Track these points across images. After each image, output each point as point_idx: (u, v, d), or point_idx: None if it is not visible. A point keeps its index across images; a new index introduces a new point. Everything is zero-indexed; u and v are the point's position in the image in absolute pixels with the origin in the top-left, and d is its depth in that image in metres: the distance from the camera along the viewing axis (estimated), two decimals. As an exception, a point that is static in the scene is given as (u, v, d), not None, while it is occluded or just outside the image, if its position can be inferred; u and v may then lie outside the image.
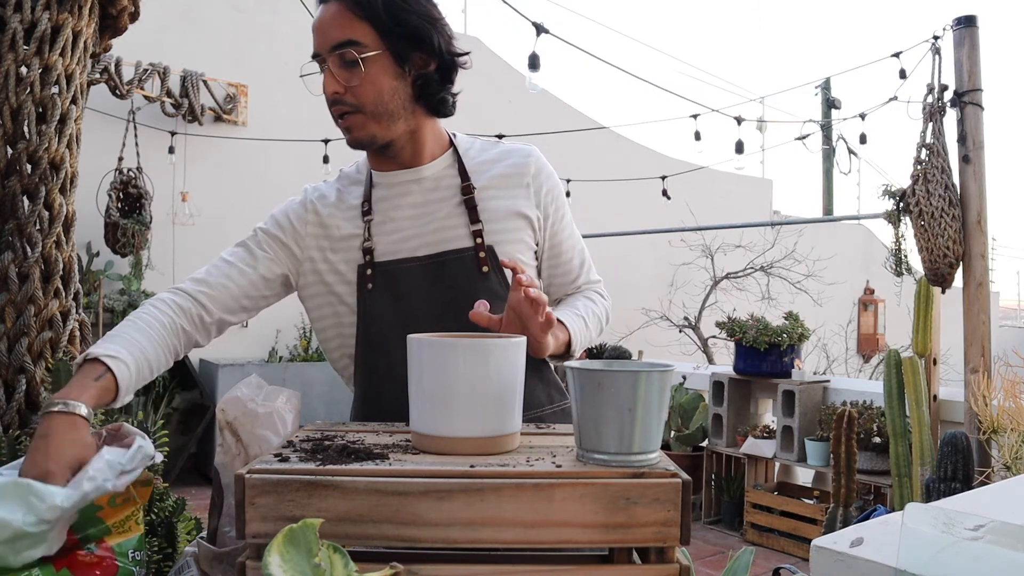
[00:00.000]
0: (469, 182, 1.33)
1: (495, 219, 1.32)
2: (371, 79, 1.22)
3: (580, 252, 1.45)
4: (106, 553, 0.97)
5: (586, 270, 1.46)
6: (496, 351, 0.95)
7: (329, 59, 1.22)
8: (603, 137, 7.94)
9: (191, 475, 5.28)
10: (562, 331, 1.28)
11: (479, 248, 1.30)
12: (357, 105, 1.24)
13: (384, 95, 1.24)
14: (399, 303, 1.28)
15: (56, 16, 1.47)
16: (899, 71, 3.92)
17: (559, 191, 1.41)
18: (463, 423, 0.92)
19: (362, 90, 1.23)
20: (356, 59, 1.21)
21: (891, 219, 3.61)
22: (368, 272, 1.30)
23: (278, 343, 6.08)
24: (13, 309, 1.44)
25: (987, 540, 0.68)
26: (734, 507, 4.50)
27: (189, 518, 1.23)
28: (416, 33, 1.23)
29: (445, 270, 1.29)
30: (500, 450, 0.94)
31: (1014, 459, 2.86)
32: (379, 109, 1.25)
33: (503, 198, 1.34)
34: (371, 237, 1.31)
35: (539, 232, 1.38)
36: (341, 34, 1.21)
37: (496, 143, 1.42)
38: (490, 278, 1.30)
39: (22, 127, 1.45)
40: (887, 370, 3.68)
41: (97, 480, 0.92)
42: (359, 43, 1.21)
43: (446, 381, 0.93)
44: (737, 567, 1.00)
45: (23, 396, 1.42)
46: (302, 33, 1.43)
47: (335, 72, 1.22)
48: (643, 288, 8.13)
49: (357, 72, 1.22)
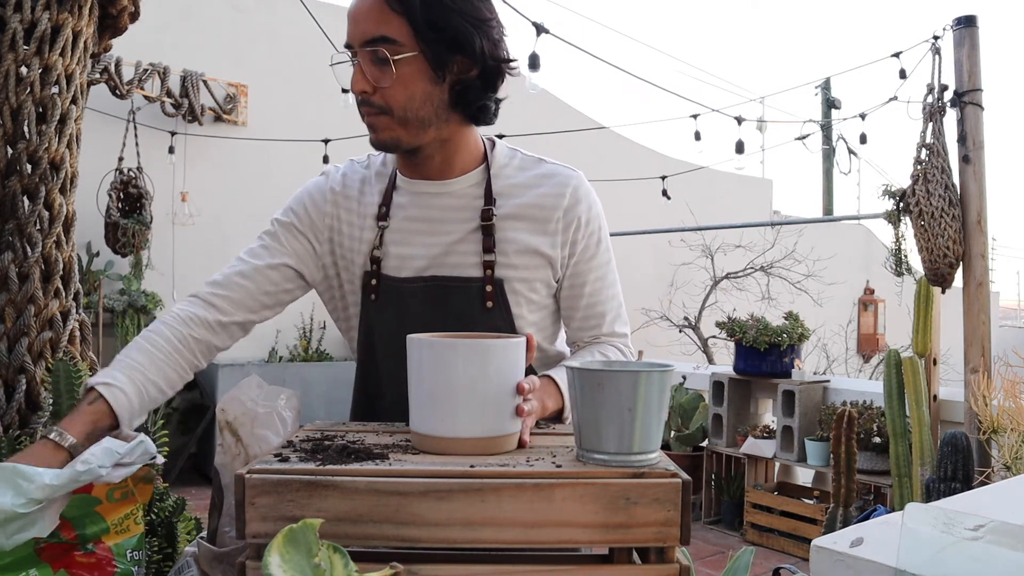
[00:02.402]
0: (491, 207, 1.23)
1: (511, 252, 1.23)
2: (403, 81, 1.13)
3: (608, 300, 1.32)
4: (104, 553, 0.96)
5: (610, 320, 1.32)
6: (496, 351, 0.94)
7: (360, 54, 1.13)
8: (603, 137, 7.93)
9: (191, 475, 5.28)
10: (553, 398, 1.17)
11: (487, 280, 1.22)
12: (385, 107, 1.15)
13: (415, 100, 1.14)
14: (400, 318, 1.23)
15: (56, 16, 1.47)
16: (899, 71, 3.92)
17: (594, 227, 1.28)
18: (463, 423, 0.92)
19: (392, 92, 1.13)
20: (388, 58, 1.11)
21: (891, 219, 3.61)
22: (373, 282, 1.25)
23: (278, 343, 6.08)
24: (13, 309, 1.44)
25: (987, 540, 0.68)
26: (734, 507, 4.50)
27: (189, 518, 1.23)
28: (457, 36, 1.12)
29: (449, 297, 1.23)
30: (500, 450, 0.94)
31: (1014, 459, 2.86)
32: (408, 114, 1.15)
33: (525, 231, 1.23)
34: (382, 245, 1.25)
35: (560, 270, 1.27)
36: (375, 28, 1.11)
37: (538, 162, 1.29)
38: (493, 314, 1.22)
39: (22, 127, 1.45)
40: (887, 370, 3.68)
41: (91, 464, 0.91)
42: (393, 41, 1.11)
43: (446, 381, 0.93)
44: (737, 567, 1.00)
45: (23, 396, 1.42)
46: (302, 33, 1.44)
47: (365, 69, 1.13)
48: (643, 288, 8.13)
49: (388, 72, 1.12)
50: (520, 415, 0.96)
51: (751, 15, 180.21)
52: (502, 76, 1.21)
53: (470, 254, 1.23)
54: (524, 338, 0.99)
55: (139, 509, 1.01)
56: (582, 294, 1.30)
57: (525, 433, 0.98)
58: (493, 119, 1.23)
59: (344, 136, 5.44)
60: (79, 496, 0.96)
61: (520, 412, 0.95)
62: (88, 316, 1.61)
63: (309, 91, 5.95)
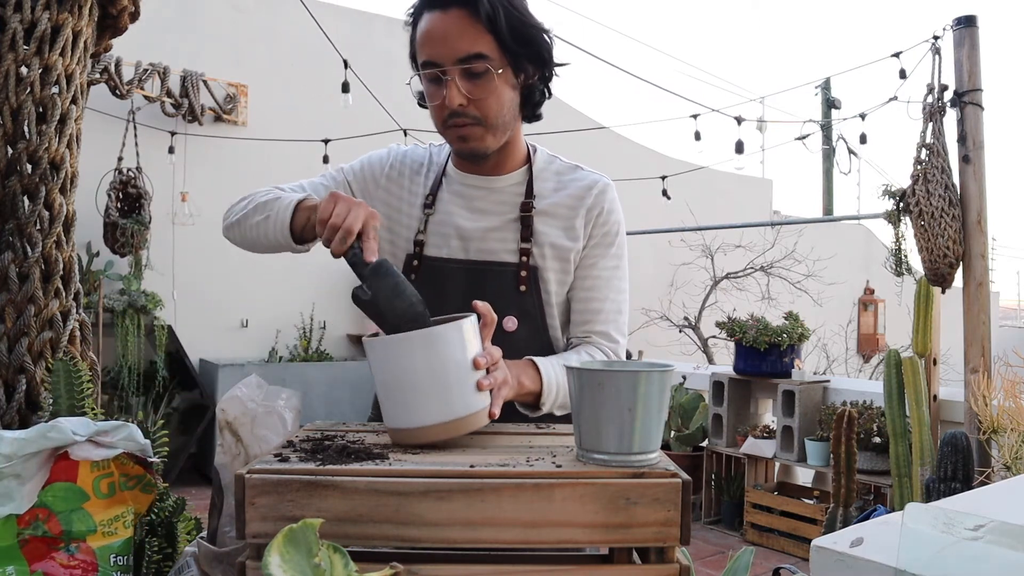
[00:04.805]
0: (531, 200, 1.33)
1: (542, 245, 1.32)
2: (496, 92, 1.22)
3: (607, 300, 1.36)
4: (87, 557, 0.94)
5: (605, 320, 1.36)
6: (437, 336, 0.96)
7: (453, 71, 1.21)
8: (603, 137, 7.94)
9: (191, 475, 5.28)
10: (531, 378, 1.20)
11: (522, 267, 1.31)
12: (479, 118, 1.24)
13: (504, 107, 1.25)
14: (440, 300, 1.27)
15: (56, 16, 1.47)
16: (899, 71, 3.92)
17: (609, 230, 1.36)
18: (426, 412, 0.94)
19: (486, 103, 1.23)
20: (486, 72, 1.20)
21: (891, 219, 3.61)
22: (414, 263, 1.33)
23: (278, 343, 6.08)
24: (13, 309, 1.44)
25: (987, 540, 0.68)
26: (734, 507, 4.50)
27: (189, 518, 1.23)
28: (533, 45, 1.24)
29: (485, 279, 1.31)
30: (471, 429, 0.96)
31: (1014, 459, 2.86)
32: (498, 122, 1.25)
33: (554, 227, 1.33)
34: (425, 230, 1.34)
35: (574, 263, 1.35)
36: (469, 46, 1.19)
37: (574, 168, 1.40)
38: (526, 298, 1.31)
39: (22, 127, 1.45)
40: (887, 370, 3.68)
41: (65, 429, 0.89)
42: (486, 56, 1.20)
43: (399, 375, 0.95)
44: (737, 567, 1.00)
45: (23, 396, 1.42)
46: (302, 33, 1.44)
47: (460, 84, 1.21)
48: (643, 288, 8.13)
49: (483, 86, 1.21)
50: (481, 390, 0.98)
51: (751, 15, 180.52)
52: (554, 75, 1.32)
53: (508, 241, 1.33)
54: (472, 315, 1.01)
55: (130, 512, 0.99)
56: (583, 286, 1.36)
57: (495, 406, 1.00)
58: (542, 115, 1.35)
59: (344, 136, 5.44)
60: (63, 486, 0.93)
61: (480, 387, 0.97)
62: (88, 316, 1.61)
63: (309, 91, 5.96)
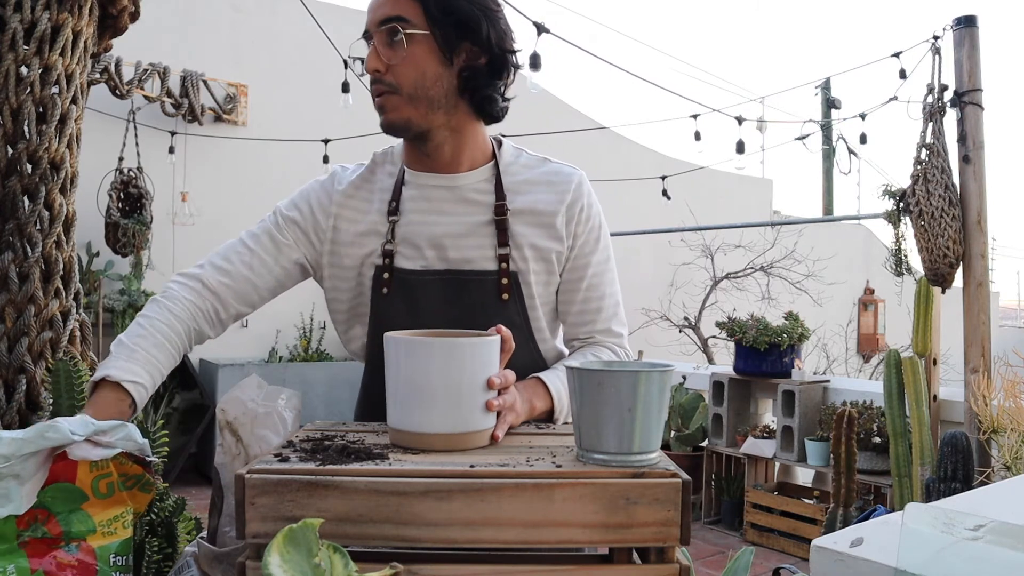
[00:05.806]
0: (504, 202, 1.26)
1: (521, 247, 1.26)
2: (413, 59, 1.18)
3: (605, 297, 1.34)
4: (86, 556, 0.94)
5: (606, 317, 1.34)
6: (464, 349, 0.96)
7: (375, 35, 1.19)
8: (603, 137, 7.94)
9: (191, 475, 5.28)
10: (542, 398, 1.20)
11: (503, 273, 1.25)
12: (395, 85, 1.19)
13: (426, 79, 1.19)
14: (413, 313, 1.24)
15: (56, 16, 1.47)
16: (899, 71, 3.92)
17: (594, 224, 1.32)
18: (433, 419, 0.94)
19: (402, 69, 1.18)
20: (400, 36, 1.17)
21: (891, 219, 3.61)
22: (385, 276, 1.26)
23: (278, 343, 6.08)
24: (13, 309, 1.44)
25: (987, 540, 0.68)
26: (734, 507, 4.50)
27: (189, 518, 1.23)
28: (466, 21, 1.18)
29: (465, 289, 1.25)
30: (471, 445, 0.96)
31: (1014, 459, 2.86)
32: (418, 92, 1.19)
33: (532, 226, 1.27)
34: (393, 239, 1.27)
35: (561, 264, 1.30)
36: (390, 10, 1.18)
37: (543, 161, 1.34)
38: (509, 306, 1.26)
39: (22, 127, 1.45)
40: (887, 370, 3.68)
41: (63, 429, 0.89)
42: (406, 20, 1.17)
43: (417, 378, 0.95)
44: (737, 567, 1.00)
45: (23, 396, 1.42)
46: (302, 33, 1.44)
47: (379, 48, 1.18)
48: (643, 288, 8.13)
49: (400, 50, 1.17)
50: (490, 410, 0.98)
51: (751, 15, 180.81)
52: (508, 68, 1.25)
53: (485, 247, 1.26)
54: (497, 336, 1.01)
55: (129, 512, 0.99)
56: (579, 288, 1.32)
57: (499, 429, 1.00)
58: (501, 115, 1.27)
59: (344, 136, 5.44)
60: (62, 486, 0.94)
61: (490, 407, 0.97)
62: (88, 316, 1.61)
63: (309, 91, 5.95)
